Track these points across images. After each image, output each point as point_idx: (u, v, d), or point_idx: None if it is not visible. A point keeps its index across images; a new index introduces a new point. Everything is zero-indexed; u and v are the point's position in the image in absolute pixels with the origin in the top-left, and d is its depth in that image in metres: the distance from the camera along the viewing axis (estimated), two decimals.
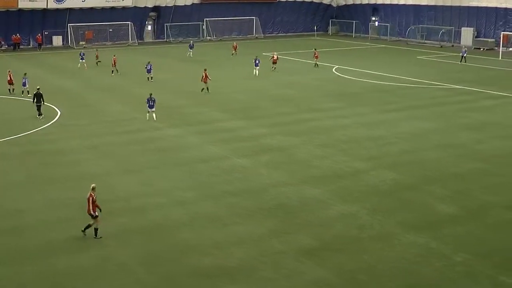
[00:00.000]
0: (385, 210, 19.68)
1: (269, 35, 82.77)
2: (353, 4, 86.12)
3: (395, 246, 16.93)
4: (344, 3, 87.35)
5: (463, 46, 61.29)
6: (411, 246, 16.90)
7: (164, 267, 15.74)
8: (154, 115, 31.90)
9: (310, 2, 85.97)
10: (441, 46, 70.51)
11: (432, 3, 75.36)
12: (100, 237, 17.37)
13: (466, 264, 15.81)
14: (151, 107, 32.03)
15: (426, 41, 74.39)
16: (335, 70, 51.20)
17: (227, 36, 79.51)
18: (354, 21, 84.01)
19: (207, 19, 78.74)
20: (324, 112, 34.70)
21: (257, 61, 47.74)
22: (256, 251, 16.65)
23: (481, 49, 66.58)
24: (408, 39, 76.11)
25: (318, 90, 42.05)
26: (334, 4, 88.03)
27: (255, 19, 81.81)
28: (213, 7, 79.24)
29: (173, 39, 76.16)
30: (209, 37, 78.74)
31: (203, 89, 39.91)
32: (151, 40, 76.91)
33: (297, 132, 29.94)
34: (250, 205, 20.15)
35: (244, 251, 16.66)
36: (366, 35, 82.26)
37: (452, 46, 70.81)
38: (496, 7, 67.99)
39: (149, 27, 77.79)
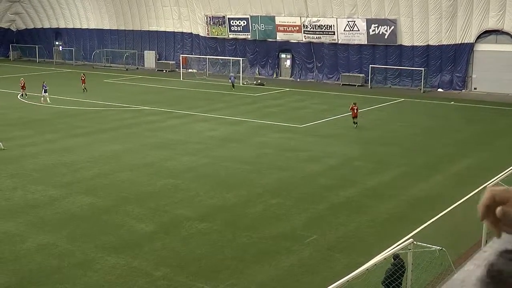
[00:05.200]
0: (84, 235, 19.57)
1: None
2: (35, 28, 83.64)
3: (98, 270, 16.96)
4: (24, 27, 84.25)
5: (231, 73, 61.36)
6: (113, 268, 17.10)
7: None
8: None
9: None
10: (127, 69, 72.35)
11: (115, 27, 76.92)
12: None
13: (166, 277, 16.58)
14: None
15: (112, 65, 75.60)
16: (19, 96, 49.08)
17: None
18: (37, 46, 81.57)
19: None
20: (11, 142, 32.92)
21: None
22: None
23: (164, 71, 70.08)
24: (94, 63, 76.52)
25: (2, 118, 39.85)
26: (13, 28, 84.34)
27: None
28: None
29: None
30: None
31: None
32: None
33: None
34: None
35: None
36: (51, 60, 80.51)
37: (137, 68, 73.18)
38: (173, 31, 72.17)
39: None
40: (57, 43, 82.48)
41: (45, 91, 46.26)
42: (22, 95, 49.07)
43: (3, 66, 73.73)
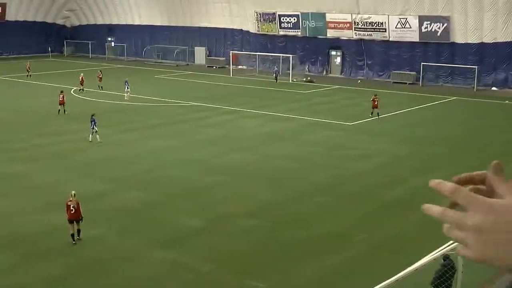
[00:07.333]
0: (133, 230, 19.83)
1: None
2: (88, 25, 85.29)
3: (145, 265, 17.14)
4: (78, 23, 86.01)
5: (275, 67, 61.76)
6: (160, 263, 17.26)
7: None
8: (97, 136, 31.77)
9: (42, 22, 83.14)
10: (177, 65, 73.03)
11: (166, 24, 77.75)
12: None
13: (213, 273, 16.65)
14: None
15: (162, 61, 76.47)
16: (73, 91, 50.08)
17: None
18: (90, 42, 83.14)
19: None
20: (63, 136, 33.64)
21: None
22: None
23: (214, 67, 70.46)
24: (145, 59, 77.53)
25: (53, 113, 40.44)
26: (68, 25, 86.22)
27: None
28: None
29: None
30: None
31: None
32: None
33: (35, 158, 28.66)
34: None
35: None
36: (103, 56, 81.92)
37: (187, 65, 73.77)
38: (224, 28, 72.52)
39: None
40: (109, 39, 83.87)
41: (128, 87, 47.00)
42: (80, 90, 50.08)
43: (58, 62, 75.43)
